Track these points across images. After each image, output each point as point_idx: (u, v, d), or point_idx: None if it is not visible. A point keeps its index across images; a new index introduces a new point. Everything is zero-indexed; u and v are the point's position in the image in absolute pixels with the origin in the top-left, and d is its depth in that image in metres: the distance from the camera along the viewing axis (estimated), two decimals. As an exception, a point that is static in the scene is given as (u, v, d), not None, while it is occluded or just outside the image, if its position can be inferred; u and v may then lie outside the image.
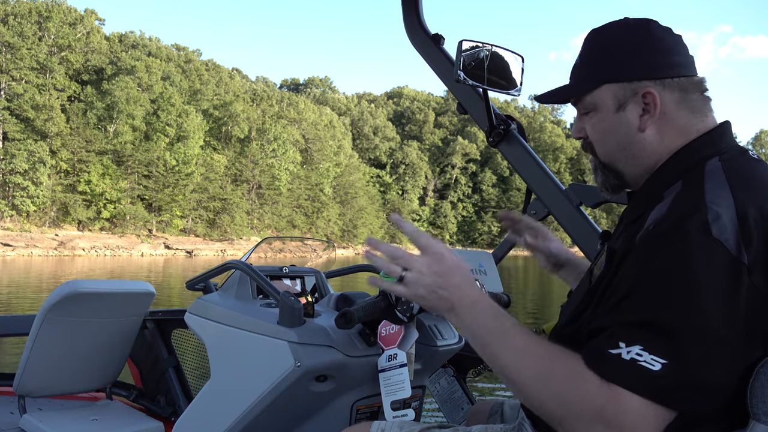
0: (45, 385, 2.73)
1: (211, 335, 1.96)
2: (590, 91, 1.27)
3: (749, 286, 1.02)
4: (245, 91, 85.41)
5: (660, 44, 1.23)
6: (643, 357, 1.01)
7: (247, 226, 72.53)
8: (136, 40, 73.92)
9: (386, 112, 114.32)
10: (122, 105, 63.10)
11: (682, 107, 1.22)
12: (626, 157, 1.26)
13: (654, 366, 1.01)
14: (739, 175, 1.12)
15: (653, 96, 1.21)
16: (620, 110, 1.24)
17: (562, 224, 2.24)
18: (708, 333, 1.00)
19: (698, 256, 1.02)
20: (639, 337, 1.03)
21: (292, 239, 3.04)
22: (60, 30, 62.86)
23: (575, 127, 1.35)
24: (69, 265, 38.08)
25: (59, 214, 60.04)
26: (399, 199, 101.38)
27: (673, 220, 1.07)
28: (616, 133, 1.26)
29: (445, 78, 2.43)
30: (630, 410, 1.02)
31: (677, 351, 1.01)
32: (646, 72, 1.22)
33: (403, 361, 1.74)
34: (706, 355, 1.01)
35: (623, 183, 1.31)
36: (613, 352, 1.04)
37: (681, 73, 1.23)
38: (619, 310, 1.07)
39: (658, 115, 1.22)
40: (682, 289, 1.02)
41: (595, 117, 1.28)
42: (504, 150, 2.33)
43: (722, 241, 1.02)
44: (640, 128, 1.23)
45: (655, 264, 1.05)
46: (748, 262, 1.02)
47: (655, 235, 1.08)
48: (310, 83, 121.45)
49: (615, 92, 1.24)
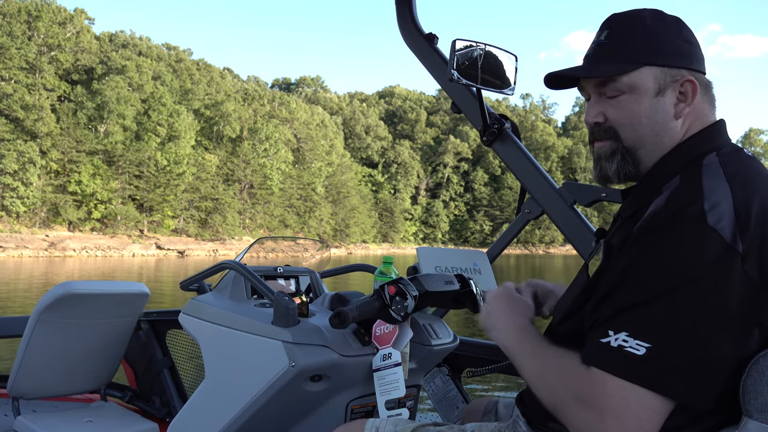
0: (39, 387, 2.72)
1: (205, 336, 1.96)
2: (629, 72, 1.23)
3: (741, 275, 1.03)
4: (236, 90, 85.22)
5: (693, 39, 1.26)
6: (629, 343, 1.03)
7: (239, 226, 72.39)
8: (126, 39, 73.60)
9: (378, 112, 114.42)
10: (113, 105, 62.84)
11: (705, 100, 1.25)
12: (654, 144, 1.24)
13: (638, 351, 1.02)
14: (736, 169, 1.14)
15: (694, 85, 1.22)
16: (659, 95, 1.23)
17: (556, 223, 2.24)
18: (696, 320, 1.01)
19: (692, 243, 1.03)
20: (626, 323, 1.05)
21: (286, 239, 3.03)
22: (49, 29, 62.52)
23: (593, 111, 1.28)
24: (59, 266, 37.87)
25: (49, 214, 59.70)
26: (391, 198, 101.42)
27: (670, 210, 1.08)
28: (651, 117, 1.23)
29: (439, 77, 2.43)
30: (612, 393, 1.03)
31: (662, 336, 1.02)
32: (686, 61, 1.23)
33: (397, 360, 1.74)
34: (692, 341, 1.01)
35: (637, 172, 1.27)
36: (603, 341, 1.06)
37: (704, 69, 1.26)
38: (611, 299, 1.10)
39: (692, 105, 1.23)
40: (672, 276, 1.03)
41: (629, 99, 1.24)
42: (498, 149, 2.34)
43: (718, 229, 1.03)
44: (676, 116, 1.23)
45: (649, 253, 1.07)
46: (742, 250, 1.03)
47: (651, 225, 1.09)
48: (302, 83, 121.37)
49: (656, 76, 1.22)
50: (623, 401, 1.03)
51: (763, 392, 1.03)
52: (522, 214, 2.35)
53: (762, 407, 1.03)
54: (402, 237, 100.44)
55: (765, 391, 1.03)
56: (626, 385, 1.03)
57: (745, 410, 1.05)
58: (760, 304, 1.05)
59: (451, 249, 2.19)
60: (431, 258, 2.01)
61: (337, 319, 1.59)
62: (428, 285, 1.73)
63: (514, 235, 2.41)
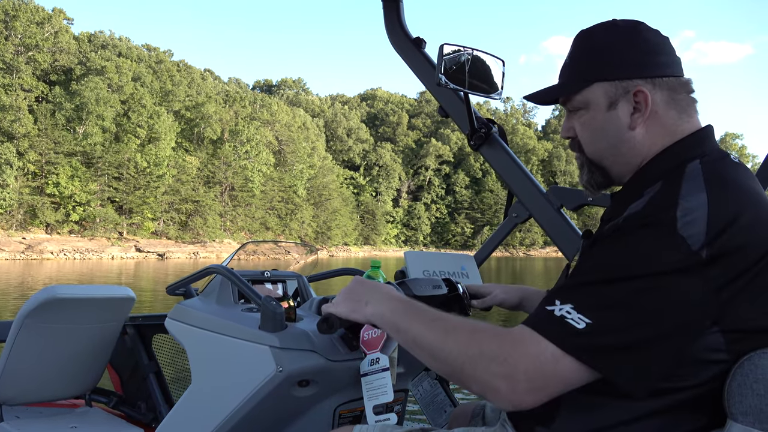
0: (23, 393, 2.68)
1: (191, 340, 1.94)
2: (581, 89, 1.28)
3: (702, 282, 1.03)
4: (217, 92, 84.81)
5: (649, 44, 1.25)
6: (572, 315, 1.06)
7: (220, 229, 71.93)
8: (105, 40, 72.92)
9: (360, 114, 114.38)
10: (92, 106, 62.14)
11: (670, 107, 1.25)
12: (614, 155, 1.28)
13: (578, 324, 1.04)
14: (717, 177, 1.14)
15: (645, 94, 1.23)
16: (611, 108, 1.26)
17: (543, 227, 2.26)
18: (642, 310, 1.03)
19: (656, 246, 1.05)
20: (573, 297, 1.08)
21: (276, 243, 3.01)
22: (27, 29, 61.70)
23: (564, 126, 1.35)
24: (37, 269, 37.34)
25: (27, 216, 58.88)
26: (373, 200, 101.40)
27: (644, 214, 1.10)
28: (606, 131, 1.27)
29: (427, 81, 2.44)
30: (533, 354, 1.06)
31: (604, 317, 1.04)
32: (637, 71, 1.24)
33: (385, 365, 1.73)
34: (632, 328, 1.03)
35: (608, 181, 1.33)
36: (548, 308, 1.09)
37: (670, 72, 1.25)
38: (568, 278, 1.14)
39: (649, 114, 1.24)
40: (629, 269, 1.05)
41: (586, 115, 1.30)
42: (485, 153, 2.35)
43: (686, 236, 1.04)
44: (631, 126, 1.25)
45: (613, 247, 1.10)
46: (707, 257, 1.03)
47: (623, 225, 1.11)
48: (283, 85, 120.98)
49: (606, 90, 1.26)
50: (540, 364, 1.05)
51: (747, 395, 1.04)
52: (509, 217, 2.36)
53: (747, 410, 1.04)
54: (383, 239, 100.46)
55: (749, 394, 1.04)
56: (552, 350, 1.05)
57: (729, 413, 1.06)
58: (719, 311, 1.05)
59: (438, 253, 2.20)
60: (419, 262, 2.02)
61: (325, 325, 1.58)
62: (416, 290, 1.74)
63: (502, 238, 2.43)
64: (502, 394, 1.07)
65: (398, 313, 1.28)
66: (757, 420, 1.03)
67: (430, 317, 1.23)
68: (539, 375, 1.05)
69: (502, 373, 1.07)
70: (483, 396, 1.12)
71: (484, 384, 1.09)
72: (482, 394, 1.11)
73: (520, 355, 1.06)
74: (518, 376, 1.06)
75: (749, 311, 1.06)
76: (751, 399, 1.04)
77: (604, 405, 1.12)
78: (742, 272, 1.05)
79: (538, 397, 1.07)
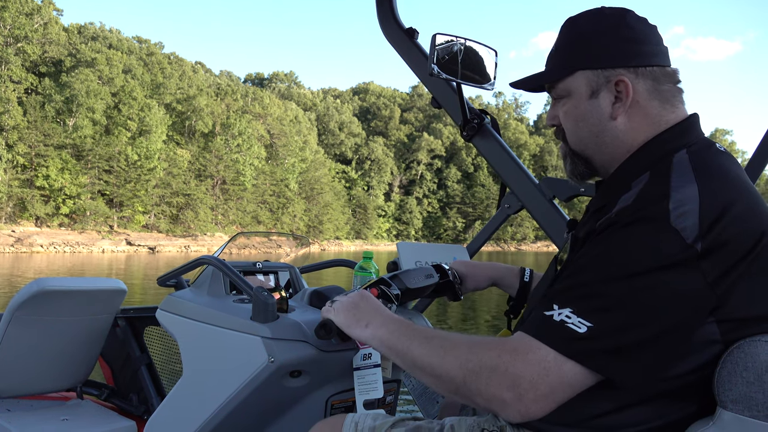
0: (13, 386, 2.66)
1: (183, 332, 1.93)
2: (564, 77, 1.28)
3: (697, 274, 1.04)
4: (209, 85, 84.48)
5: (634, 33, 1.24)
6: (572, 319, 1.06)
7: (212, 222, 71.78)
8: (96, 31, 72.45)
9: (352, 108, 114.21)
10: (82, 98, 61.77)
11: (653, 96, 1.24)
12: (596, 144, 1.28)
13: (579, 328, 1.05)
14: (705, 166, 1.14)
15: (626, 84, 1.22)
16: (593, 97, 1.25)
17: (536, 218, 2.26)
18: (641, 309, 1.03)
19: (650, 241, 1.05)
20: (572, 301, 1.08)
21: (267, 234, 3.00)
22: (16, 20, 61.19)
23: (549, 114, 1.36)
24: (26, 262, 37.13)
25: (16, 209, 58.53)
26: (365, 195, 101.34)
27: (636, 208, 1.10)
28: (588, 119, 1.27)
29: (419, 72, 2.42)
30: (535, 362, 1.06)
31: (605, 319, 1.04)
32: (620, 60, 1.23)
33: (377, 361, 1.72)
34: (633, 328, 1.03)
35: (591, 170, 1.33)
36: (547, 314, 1.09)
37: (654, 62, 1.24)
38: (563, 279, 1.13)
39: (630, 103, 1.23)
40: (625, 267, 1.05)
41: (569, 104, 1.29)
42: (478, 144, 2.34)
43: (679, 229, 1.04)
44: (612, 116, 1.24)
45: (608, 245, 1.09)
46: (701, 249, 1.03)
47: (615, 220, 1.11)
48: (275, 78, 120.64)
49: (588, 79, 1.25)
50: (543, 371, 1.05)
51: (737, 383, 1.05)
52: (502, 209, 2.36)
53: (737, 398, 1.05)
54: (375, 233, 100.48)
55: (739, 382, 1.05)
56: (554, 356, 1.05)
57: (719, 401, 1.07)
58: (715, 303, 1.05)
59: (431, 244, 2.19)
60: (411, 253, 2.01)
61: (323, 331, 1.57)
62: (409, 282, 1.73)
63: (494, 230, 2.42)
64: (508, 404, 1.07)
65: (396, 335, 1.28)
66: (747, 407, 1.04)
67: (426, 335, 1.23)
68: (543, 382, 1.05)
69: (505, 383, 1.07)
70: (490, 409, 1.11)
71: (490, 397, 1.09)
72: (489, 407, 1.10)
73: (522, 363, 1.07)
74: (523, 385, 1.06)
75: (743, 300, 1.07)
76: (741, 386, 1.05)
77: (593, 394, 1.12)
78: (736, 262, 1.05)
79: (545, 405, 1.07)
